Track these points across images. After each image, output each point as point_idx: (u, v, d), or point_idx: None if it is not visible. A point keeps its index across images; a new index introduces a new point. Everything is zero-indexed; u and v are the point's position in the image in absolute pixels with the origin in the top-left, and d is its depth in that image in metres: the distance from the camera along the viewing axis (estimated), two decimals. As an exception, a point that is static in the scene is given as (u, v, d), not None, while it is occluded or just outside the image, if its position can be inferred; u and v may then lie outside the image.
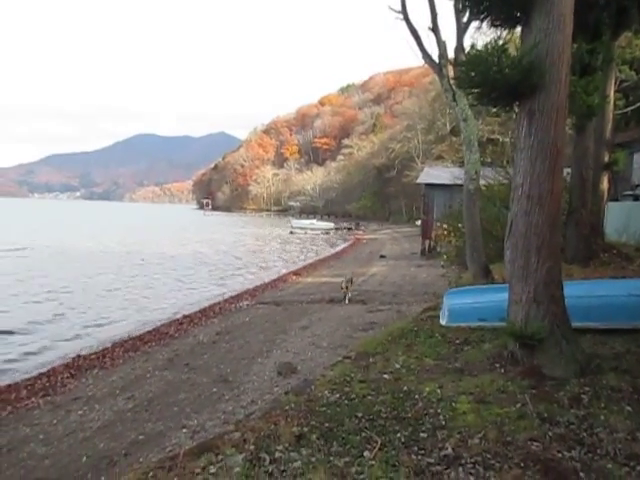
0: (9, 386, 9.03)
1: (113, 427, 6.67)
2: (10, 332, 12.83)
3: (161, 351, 10.65)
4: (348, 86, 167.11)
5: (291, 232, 58.75)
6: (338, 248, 40.14)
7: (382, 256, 30.11)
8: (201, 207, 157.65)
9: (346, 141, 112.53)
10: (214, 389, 7.80)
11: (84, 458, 5.77)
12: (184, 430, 6.29)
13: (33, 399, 8.27)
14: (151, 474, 3.24)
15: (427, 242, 29.21)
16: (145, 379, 8.72)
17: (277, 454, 3.54)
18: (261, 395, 7.23)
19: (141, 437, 6.22)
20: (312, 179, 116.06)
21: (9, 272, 22.65)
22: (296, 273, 23.03)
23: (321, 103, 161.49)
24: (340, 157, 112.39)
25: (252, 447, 3.63)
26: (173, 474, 3.20)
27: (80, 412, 7.39)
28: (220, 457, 3.46)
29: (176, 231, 60.24)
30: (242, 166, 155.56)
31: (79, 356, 10.85)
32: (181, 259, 30.38)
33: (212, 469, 3.29)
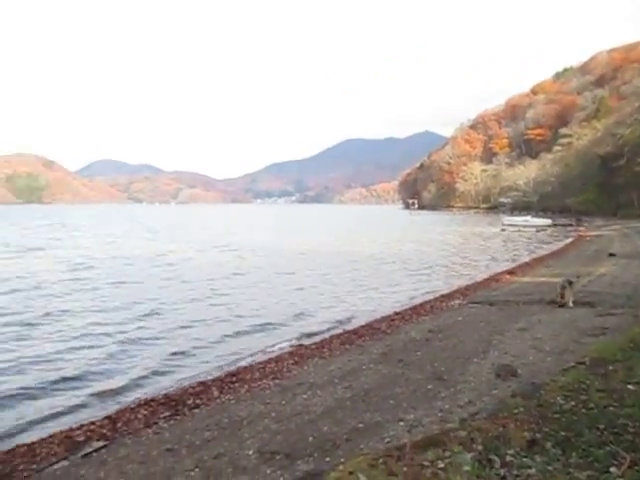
0: (245, 368, 10.16)
1: (334, 413, 7.01)
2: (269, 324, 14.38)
3: (375, 345, 10.93)
4: (565, 70, 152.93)
5: (502, 230, 55.87)
6: (557, 246, 37.00)
7: (611, 254, 26.83)
8: (407, 207, 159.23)
9: (563, 130, 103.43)
10: (429, 386, 7.72)
11: (310, 438, 6.16)
12: (401, 423, 6.32)
13: (264, 381, 9.15)
14: (381, 460, 3.30)
15: (669, 239, 25.19)
16: (361, 371, 9.03)
17: (508, 458, 3.33)
18: (479, 396, 6.93)
19: (360, 425, 6.42)
20: (524, 173, 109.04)
21: (250, 271, 25.69)
22: (510, 272, 21.79)
23: (533, 92, 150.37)
24: (557, 148, 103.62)
25: (480, 447, 3.47)
26: (402, 464, 3.21)
27: (304, 396, 7.95)
28: (447, 453, 3.38)
29: (388, 231, 61.73)
30: (448, 164, 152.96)
31: (301, 345, 11.73)
32: (404, 257, 31.22)
33: (440, 464, 3.22)
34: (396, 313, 14.47)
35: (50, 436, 7.21)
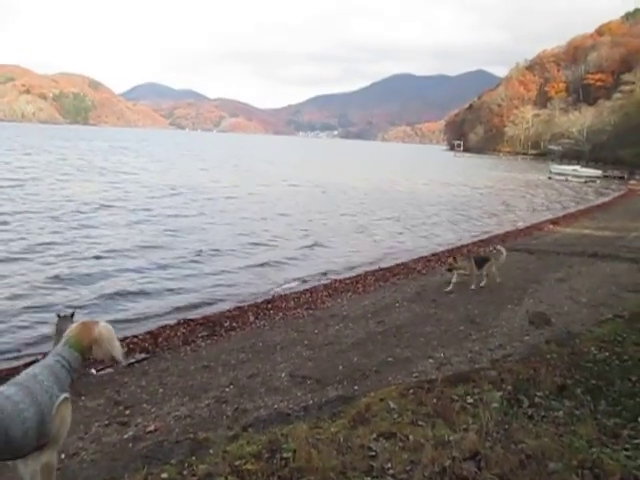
0: (280, 296, 10.43)
1: (365, 345, 7.20)
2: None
3: (409, 284, 11.03)
4: (636, 11, 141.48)
5: (549, 178, 54.13)
6: (605, 199, 35.80)
7: (662, 211, 25.87)
8: (451, 148, 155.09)
9: (627, 76, 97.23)
10: (461, 327, 7.80)
11: (340, 367, 6.37)
12: (430, 360, 6.45)
13: (299, 310, 9.41)
14: (411, 391, 3.41)
15: None
16: (394, 308, 9.16)
17: (537, 399, 3.39)
18: (510, 341, 6.98)
19: (390, 359, 6.58)
20: (579, 120, 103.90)
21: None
22: (553, 222, 21.31)
23: (599, 33, 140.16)
24: (617, 95, 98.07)
25: (510, 387, 3.54)
26: (432, 395, 3.31)
27: (337, 327, 8.16)
28: (477, 390, 3.46)
29: (432, 172, 60.48)
30: (499, 106, 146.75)
31: (336, 280, 11.91)
32: (445, 200, 30.84)
33: (469, 399, 3.31)
34: (433, 255, 14.46)
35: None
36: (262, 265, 13.33)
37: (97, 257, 12.86)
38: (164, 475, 2.60)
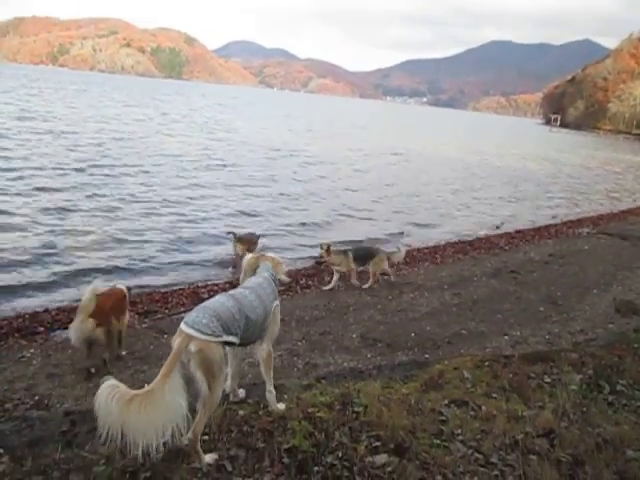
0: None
1: (439, 316, 7.15)
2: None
3: (489, 259, 10.74)
4: None
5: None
6: None
7: None
8: (547, 122, 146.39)
9: None
10: (540, 308, 7.56)
11: (412, 334, 6.39)
12: (505, 337, 6.33)
13: (374, 275, 9.42)
14: (487, 364, 3.38)
15: None
16: (471, 281, 8.99)
17: (619, 387, 3.26)
18: (592, 327, 6.70)
19: (463, 332, 6.52)
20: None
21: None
22: (653, 207, 19.87)
23: None
24: None
25: (590, 372, 3.42)
26: (508, 370, 3.27)
27: (411, 295, 8.14)
28: (555, 370, 3.37)
29: (527, 148, 57.31)
30: (605, 79, 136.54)
31: (414, 248, 11.77)
32: (542, 177, 29.33)
33: (547, 378, 3.24)
34: (517, 231, 13.96)
35: (180, 289, 8.13)
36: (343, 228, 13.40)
37: (192, 220, 13.02)
38: (241, 412, 2.76)
